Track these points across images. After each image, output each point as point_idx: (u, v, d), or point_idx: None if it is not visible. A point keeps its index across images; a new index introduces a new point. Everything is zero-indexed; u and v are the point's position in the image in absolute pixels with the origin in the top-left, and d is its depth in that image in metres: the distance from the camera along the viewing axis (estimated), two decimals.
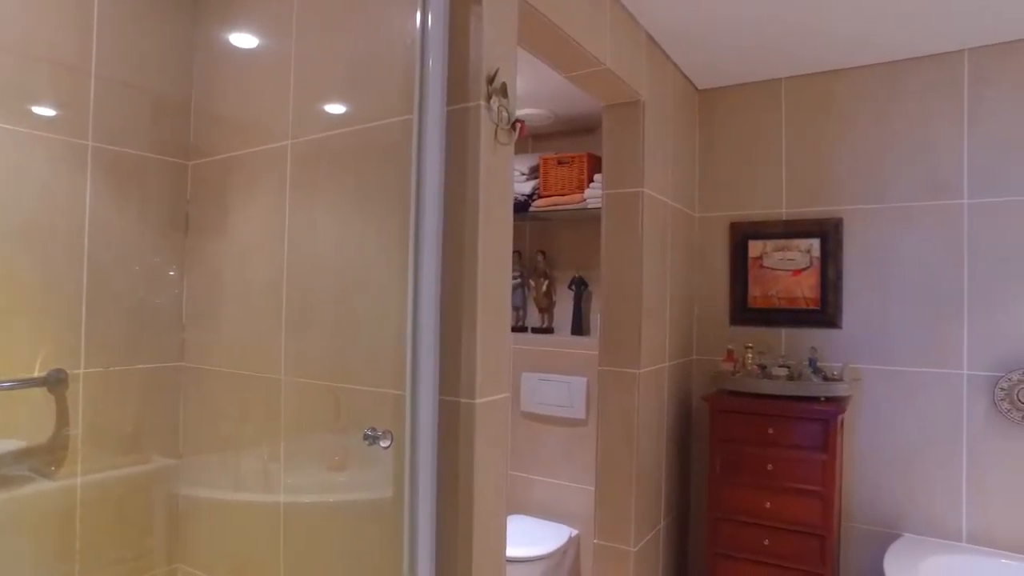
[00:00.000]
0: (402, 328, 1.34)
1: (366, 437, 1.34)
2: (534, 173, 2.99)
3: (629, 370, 2.24)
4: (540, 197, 2.92)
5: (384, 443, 1.33)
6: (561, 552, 2.71)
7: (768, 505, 2.29)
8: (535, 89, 2.60)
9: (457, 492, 1.40)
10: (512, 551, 2.53)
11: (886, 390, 2.45)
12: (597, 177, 2.63)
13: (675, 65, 2.55)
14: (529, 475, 3.04)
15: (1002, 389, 2.25)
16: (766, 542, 2.30)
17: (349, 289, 1.69)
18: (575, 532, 2.84)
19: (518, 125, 1.45)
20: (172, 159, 2.01)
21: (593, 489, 2.39)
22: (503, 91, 1.42)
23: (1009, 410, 2.24)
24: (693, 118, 2.80)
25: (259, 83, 1.90)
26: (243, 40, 1.99)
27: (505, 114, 1.43)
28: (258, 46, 1.96)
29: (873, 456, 2.47)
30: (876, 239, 2.49)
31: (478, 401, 1.36)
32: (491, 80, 1.40)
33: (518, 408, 3.06)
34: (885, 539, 2.39)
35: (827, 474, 2.21)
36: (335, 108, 1.75)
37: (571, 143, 3.06)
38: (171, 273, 2.06)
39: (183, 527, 2.04)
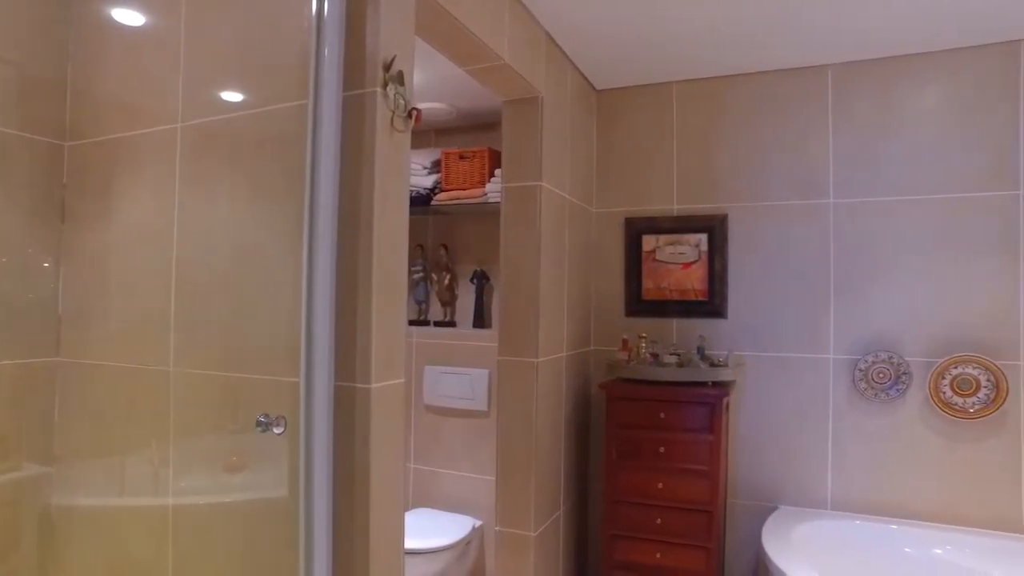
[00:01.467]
0: (297, 314, 1.33)
1: (259, 424, 1.31)
2: (436, 167, 3.01)
3: (528, 359, 2.30)
4: (442, 191, 2.94)
5: (277, 429, 1.31)
6: (465, 542, 2.74)
7: (660, 486, 2.42)
8: (437, 84, 2.62)
9: (353, 479, 1.39)
10: (415, 543, 2.53)
11: (766, 375, 2.65)
12: (498, 172, 2.68)
13: (574, 64, 2.64)
14: (432, 468, 3.05)
15: (860, 370, 2.49)
16: (659, 521, 2.42)
17: (243, 276, 1.64)
18: (479, 522, 2.88)
19: (415, 113, 1.47)
20: (45, 139, 1.88)
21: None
22: (400, 79, 1.43)
23: (865, 389, 2.48)
24: (591, 117, 2.90)
25: (145, 62, 1.80)
26: (126, 16, 1.89)
27: (402, 102, 1.44)
28: (144, 23, 1.86)
29: (755, 436, 2.66)
30: (757, 234, 2.68)
31: (373, 386, 1.37)
32: (388, 67, 1.41)
33: (421, 401, 3.07)
34: (764, 512, 2.57)
35: (713, 454, 2.36)
36: (228, 90, 1.70)
37: (473, 138, 3.10)
38: (45, 264, 1.92)
39: (57, 539, 1.90)
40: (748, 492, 2.66)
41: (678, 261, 2.76)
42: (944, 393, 2.38)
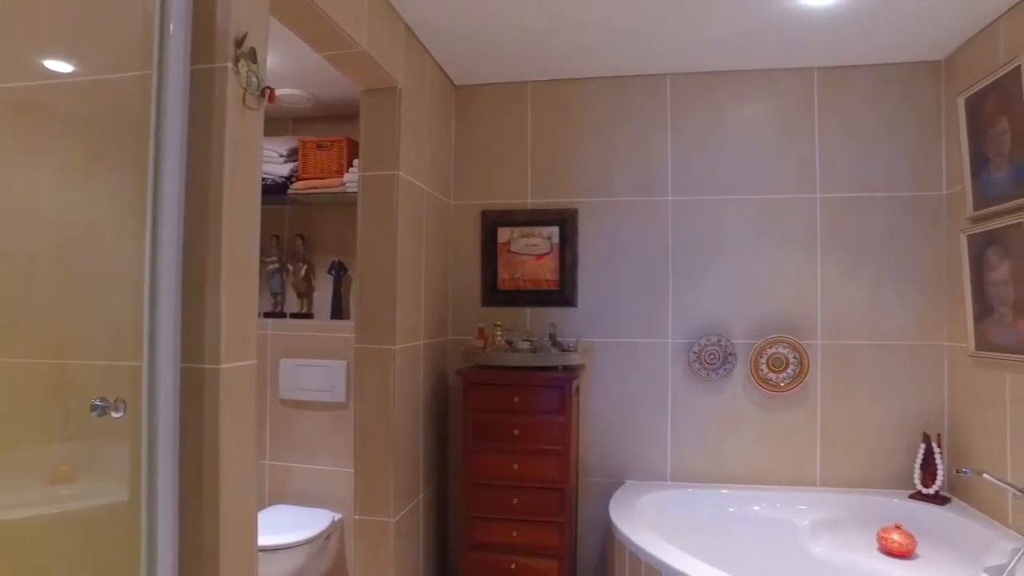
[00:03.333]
0: (140, 293, 1.27)
1: (94, 408, 1.23)
2: (293, 155, 2.94)
3: (385, 347, 2.32)
4: (299, 180, 2.87)
5: (116, 414, 1.24)
6: (324, 536, 2.70)
7: (516, 467, 2.52)
8: (296, 70, 2.57)
9: (201, 470, 1.34)
10: (271, 539, 2.46)
11: (614, 359, 2.85)
12: (357, 162, 2.67)
13: (433, 59, 2.69)
14: (290, 463, 2.97)
15: (694, 352, 2.76)
16: (515, 501, 2.52)
17: (76, 255, 1.52)
18: (338, 516, 2.85)
19: (268, 92, 1.45)
20: None
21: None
22: (252, 56, 1.41)
23: (699, 369, 2.75)
24: (450, 111, 2.97)
25: None
26: None
27: (255, 80, 1.42)
28: None
29: (604, 417, 2.85)
30: (605, 228, 2.87)
31: (223, 366, 1.33)
32: (239, 43, 1.38)
33: (276, 396, 2.97)
34: (613, 487, 2.76)
35: (564, 434, 2.51)
36: (56, 53, 1.56)
37: (331, 128, 3.06)
38: None
39: None
40: (598, 470, 2.85)
41: (531, 253, 2.90)
42: (762, 370, 2.70)
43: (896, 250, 2.66)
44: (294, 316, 3.00)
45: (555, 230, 2.87)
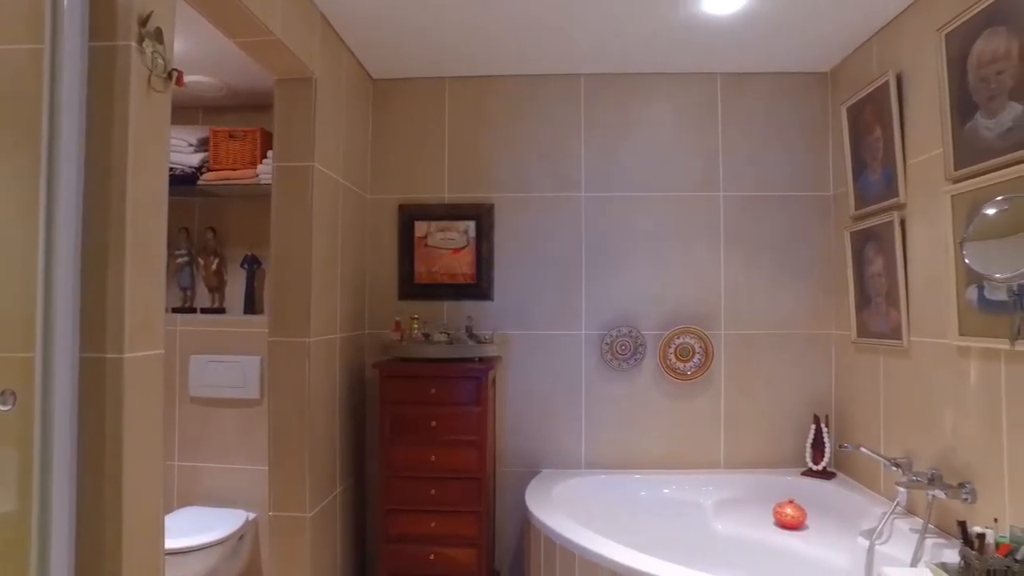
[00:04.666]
0: (31, 277, 1.21)
1: None
2: (203, 145, 2.85)
3: (300, 339, 2.29)
4: (210, 171, 2.79)
5: (3, 406, 1.18)
6: (237, 537, 2.64)
7: (433, 458, 2.54)
8: (207, 57, 2.50)
9: (103, 471, 1.28)
10: (180, 542, 2.38)
11: (529, 351, 2.92)
12: (271, 153, 2.61)
13: (350, 51, 2.67)
14: (200, 464, 2.87)
15: (606, 344, 2.86)
16: (433, 492, 2.54)
17: None
18: (253, 515, 2.78)
19: (175, 74, 1.42)
20: None
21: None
22: (158, 36, 1.38)
23: (611, 360, 2.86)
24: (367, 104, 2.95)
25: None
26: None
27: (161, 61, 1.39)
28: None
29: (520, 408, 2.92)
30: (520, 223, 2.94)
31: (127, 356, 1.29)
32: (144, 22, 1.35)
33: (186, 394, 2.87)
34: (530, 476, 2.83)
35: (481, 424, 2.55)
36: None
37: (244, 118, 2.98)
38: None
39: None
40: (515, 460, 2.91)
41: (448, 247, 2.93)
42: (670, 360, 2.84)
43: (791, 246, 2.86)
44: (205, 311, 2.90)
45: (471, 224, 2.92)
